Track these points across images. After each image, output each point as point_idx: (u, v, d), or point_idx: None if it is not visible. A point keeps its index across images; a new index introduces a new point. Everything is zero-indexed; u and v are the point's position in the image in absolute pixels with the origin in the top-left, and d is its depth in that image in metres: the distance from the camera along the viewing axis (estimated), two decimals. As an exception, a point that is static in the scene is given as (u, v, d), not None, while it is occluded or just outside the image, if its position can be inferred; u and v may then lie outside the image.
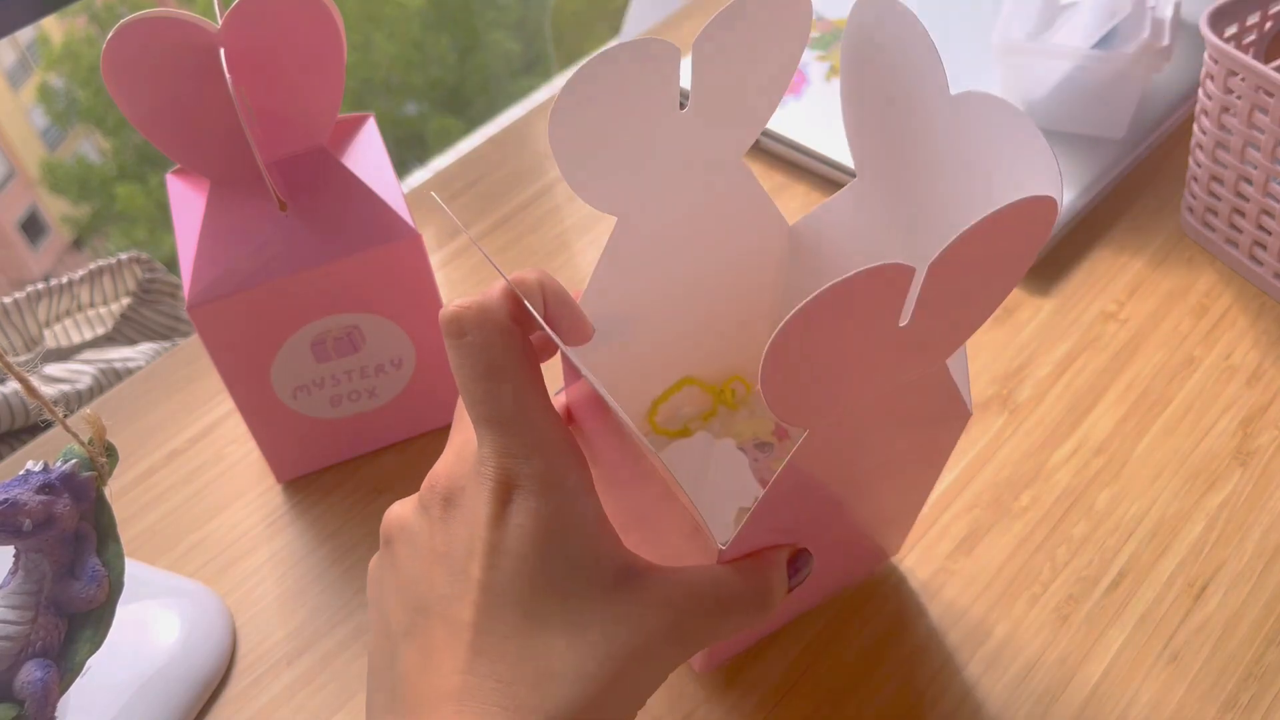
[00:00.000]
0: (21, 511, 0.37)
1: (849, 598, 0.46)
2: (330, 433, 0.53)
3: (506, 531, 0.31)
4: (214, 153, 0.45)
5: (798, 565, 0.35)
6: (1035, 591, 0.46)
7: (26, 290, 0.73)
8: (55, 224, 2.39)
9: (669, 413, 0.47)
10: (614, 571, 0.31)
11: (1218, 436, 0.50)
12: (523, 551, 0.30)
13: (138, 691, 0.45)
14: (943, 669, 0.44)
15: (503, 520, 0.31)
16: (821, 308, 0.27)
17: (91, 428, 0.39)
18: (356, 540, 0.51)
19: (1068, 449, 0.50)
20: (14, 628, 0.38)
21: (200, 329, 0.47)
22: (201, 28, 0.42)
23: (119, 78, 0.42)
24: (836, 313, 0.27)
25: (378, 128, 0.53)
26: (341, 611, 0.49)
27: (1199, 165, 0.56)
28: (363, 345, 0.50)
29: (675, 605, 0.31)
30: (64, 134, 2.59)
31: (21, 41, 2.24)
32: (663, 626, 0.31)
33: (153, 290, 0.77)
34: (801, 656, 0.45)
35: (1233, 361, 0.53)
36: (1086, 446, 0.50)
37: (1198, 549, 0.47)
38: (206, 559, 0.51)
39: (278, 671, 0.47)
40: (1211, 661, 0.43)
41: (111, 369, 0.70)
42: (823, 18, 0.73)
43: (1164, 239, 0.59)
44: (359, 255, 0.47)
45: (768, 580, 0.34)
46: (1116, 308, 0.56)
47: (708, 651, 0.43)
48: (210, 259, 0.46)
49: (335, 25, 0.44)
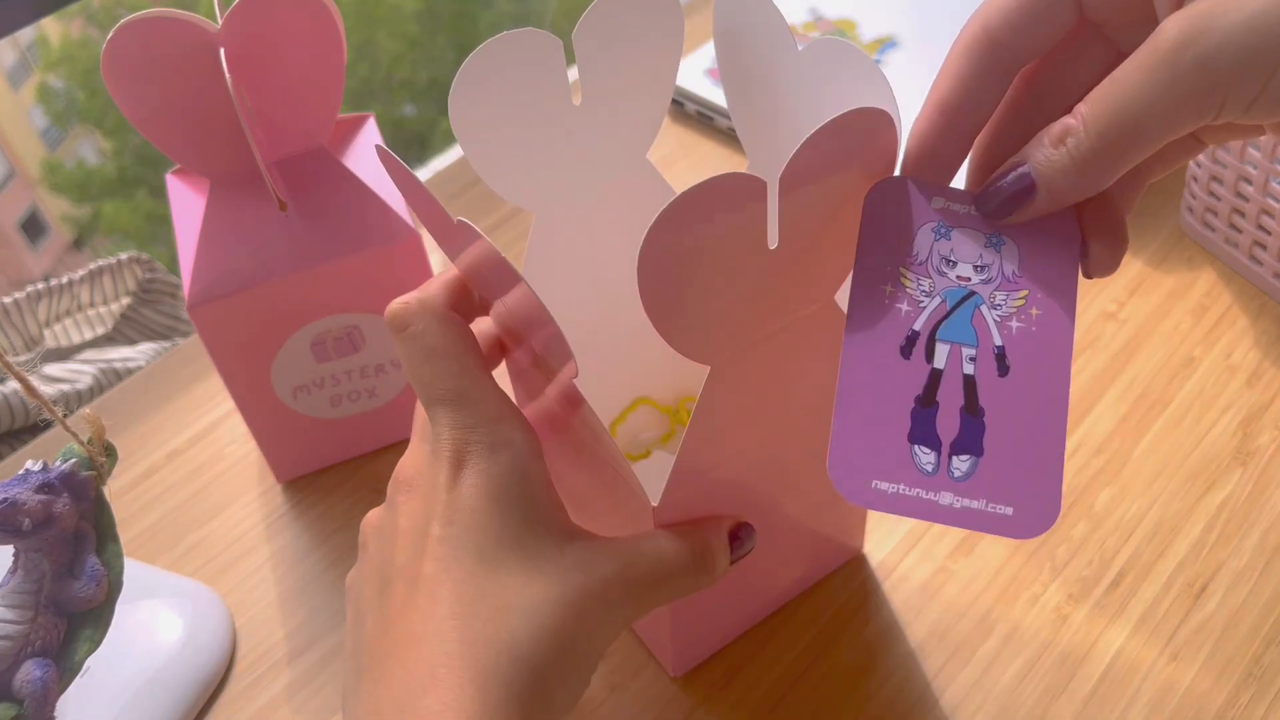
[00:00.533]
0: (21, 511, 0.37)
1: (849, 598, 0.46)
2: (330, 433, 0.53)
3: (460, 490, 0.32)
4: (214, 153, 0.45)
5: (741, 537, 0.37)
6: (1035, 591, 0.46)
7: (26, 290, 0.73)
8: (55, 224, 2.39)
9: (628, 436, 0.48)
10: (563, 524, 0.33)
11: (1218, 436, 0.50)
12: (477, 505, 0.32)
13: (138, 691, 0.45)
14: (943, 669, 0.44)
15: (457, 483, 0.32)
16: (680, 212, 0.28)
17: (91, 427, 0.39)
18: (356, 540, 0.51)
19: (1068, 449, 0.50)
20: (14, 627, 0.38)
21: (200, 329, 0.47)
22: (201, 28, 0.42)
23: (119, 78, 0.42)
24: (697, 218, 0.28)
25: (378, 128, 0.53)
26: (341, 611, 0.49)
27: (1199, 165, 0.56)
28: (363, 345, 0.50)
29: (622, 556, 0.33)
30: (64, 134, 2.59)
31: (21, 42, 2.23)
32: (612, 572, 0.32)
33: (153, 290, 0.77)
34: (801, 656, 0.45)
35: (1233, 361, 0.53)
36: (1086, 446, 0.50)
37: (1198, 549, 0.47)
38: (206, 559, 0.51)
39: (278, 671, 0.47)
40: (1211, 661, 0.43)
41: (111, 369, 0.70)
42: (823, 18, 0.73)
43: (1164, 239, 0.59)
44: (359, 255, 0.47)
45: (707, 543, 0.35)
46: (1116, 308, 0.56)
47: (677, 651, 0.43)
48: (210, 259, 0.46)
49: (335, 25, 0.44)
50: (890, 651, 0.44)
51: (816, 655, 0.45)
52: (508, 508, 0.32)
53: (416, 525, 0.33)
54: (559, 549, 0.32)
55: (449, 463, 0.32)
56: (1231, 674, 0.43)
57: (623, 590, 0.33)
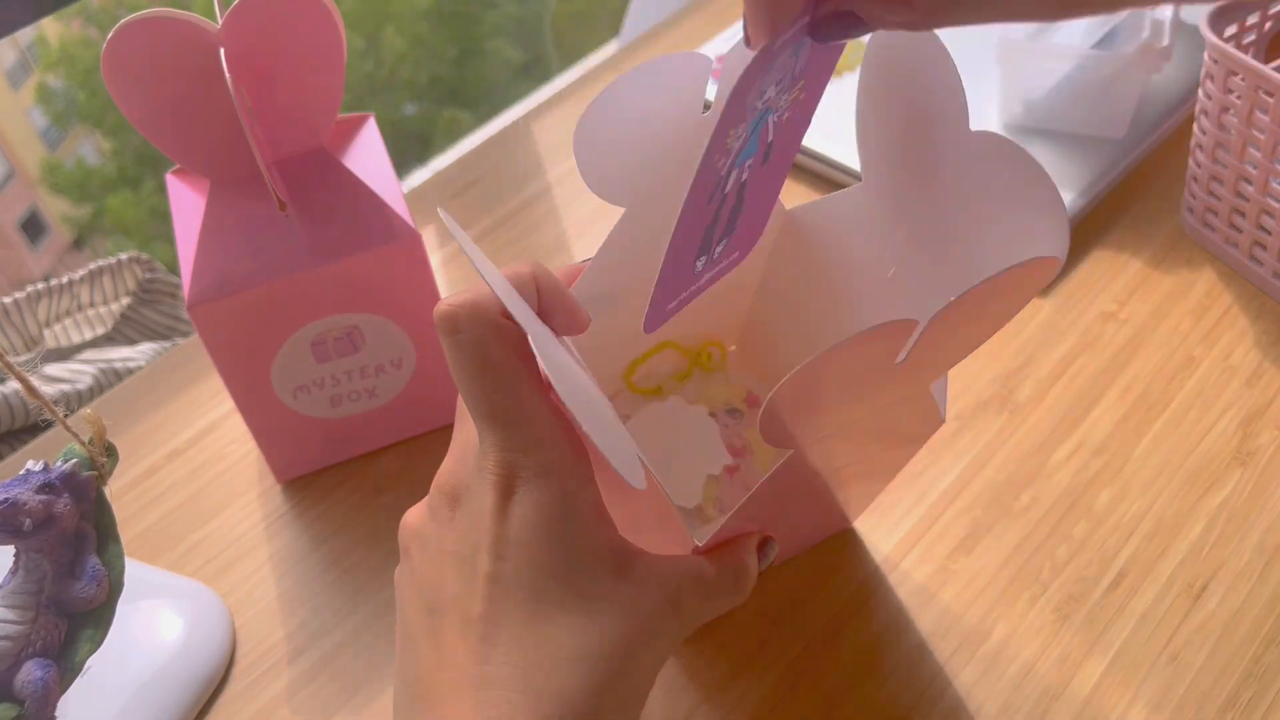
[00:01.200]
0: (22, 511, 0.37)
1: (849, 598, 0.46)
2: (330, 433, 0.53)
3: (510, 523, 0.31)
4: (214, 153, 0.45)
5: (764, 551, 0.38)
6: (1035, 591, 0.46)
7: (26, 290, 0.73)
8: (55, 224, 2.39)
9: (645, 372, 0.48)
10: (612, 557, 0.32)
11: (1217, 436, 0.50)
12: (527, 540, 0.31)
13: (138, 691, 0.45)
14: (943, 669, 0.44)
15: (506, 512, 0.31)
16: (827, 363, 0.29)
17: (92, 427, 0.39)
18: (356, 540, 0.51)
19: (1068, 449, 0.51)
20: (14, 627, 0.38)
21: (200, 329, 0.47)
22: (201, 28, 0.42)
23: (119, 78, 0.42)
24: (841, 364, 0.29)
25: (378, 128, 0.53)
26: (341, 611, 0.49)
27: (1199, 165, 0.56)
28: (363, 345, 0.50)
29: (669, 586, 0.33)
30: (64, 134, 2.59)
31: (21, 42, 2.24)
32: (660, 605, 0.32)
33: (153, 290, 0.77)
34: (802, 656, 0.45)
35: (1233, 361, 0.53)
36: (1086, 446, 0.50)
37: (1198, 549, 0.47)
38: (206, 559, 0.51)
39: (278, 671, 0.47)
40: (1211, 661, 0.43)
41: (111, 369, 0.70)
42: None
43: (1164, 239, 0.59)
44: (359, 255, 0.47)
45: (743, 565, 0.36)
46: (1116, 308, 0.56)
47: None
48: (210, 259, 0.46)
49: (335, 25, 0.44)
50: (890, 652, 0.45)
51: (817, 655, 0.45)
52: (557, 542, 0.31)
53: (463, 553, 0.32)
54: (611, 586, 0.32)
55: (496, 488, 0.32)
56: (1231, 674, 0.43)
57: (674, 620, 0.33)
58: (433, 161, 0.76)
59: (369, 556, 0.51)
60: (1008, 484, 0.49)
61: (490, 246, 0.64)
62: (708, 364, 0.48)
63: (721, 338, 0.49)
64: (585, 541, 0.32)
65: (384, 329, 0.50)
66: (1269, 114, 0.51)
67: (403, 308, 0.49)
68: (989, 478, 0.50)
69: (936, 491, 0.49)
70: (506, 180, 0.69)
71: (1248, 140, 0.53)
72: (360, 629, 0.48)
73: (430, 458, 0.54)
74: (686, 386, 0.48)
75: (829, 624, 0.45)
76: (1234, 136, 0.53)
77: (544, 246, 0.64)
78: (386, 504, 0.53)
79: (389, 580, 0.50)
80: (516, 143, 0.72)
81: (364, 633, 0.48)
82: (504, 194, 0.68)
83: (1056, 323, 0.56)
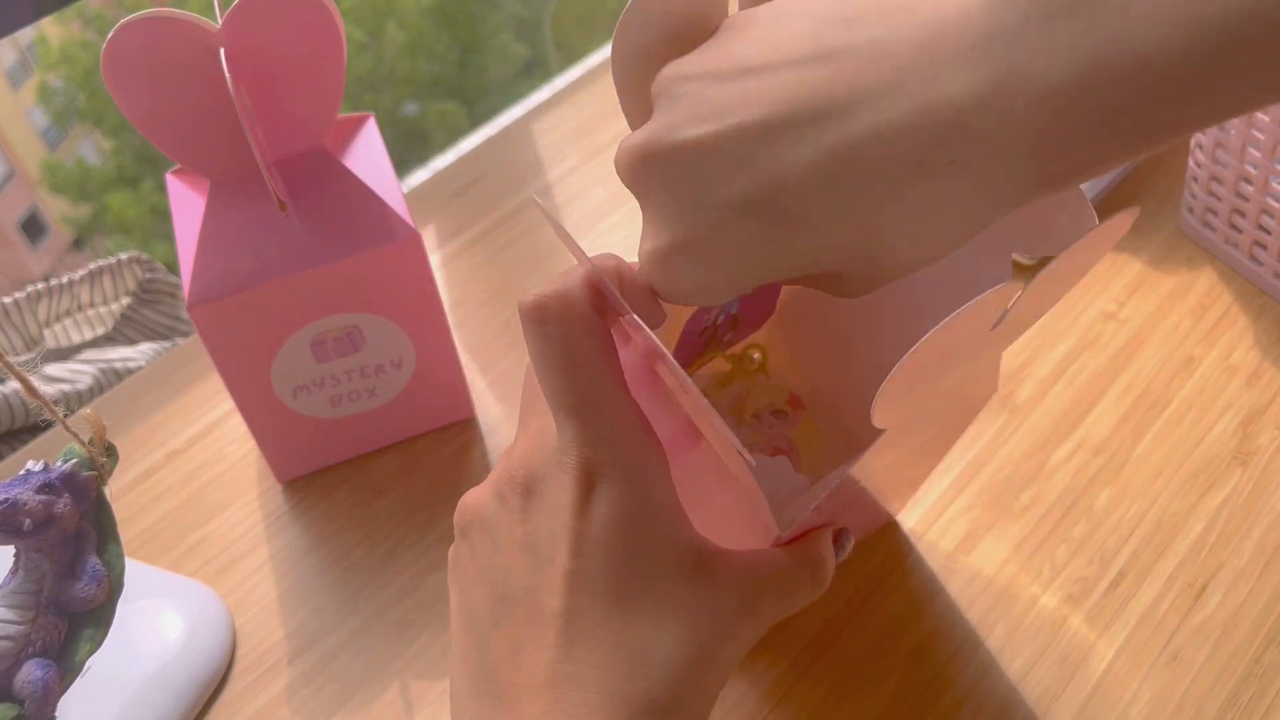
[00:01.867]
0: (22, 511, 0.37)
1: (849, 597, 0.46)
2: (330, 433, 0.53)
3: (591, 520, 0.31)
4: (214, 153, 0.45)
5: (840, 543, 0.37)
6: (1035, 591, 0.46)
7: (26, 290, 0.73)
8: (55, 224, 2.39)
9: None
10: (690, 556, 0.32)
11: (1217, 436, 0.50)
12: (608, 539, 0.31)
13: (138, 691, 0.45)
14: (943, 668, 0.44)
15: (587, 509, 0.31)
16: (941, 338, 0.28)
17: (92, 427, 0.39)
18: (356, 540, 0.51)
19: (1068, 449, 0.51)
20: (14, 627, 0.38)
21: (200, 329, 0.47)
22: (201, 28, 0.42)
23: (119, 78, 0.42)
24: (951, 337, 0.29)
25: (378, 127, 0.53)
26: (341, 611, 0.49)
27: (1199, 165, 0.56)
28: (363, 345, 0.50)
29: (746, 586, 0.33)
30: (64, 134, 2.59)
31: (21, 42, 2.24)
32: (737, 606, 0.32)
33: (153, 290, 0.77)
34: (802, 656, 0.45)
35: (1233, 361, 0.53)
36: (1086, 446, 0.51)
37: (1198, 549, 0.47)
38: (206, 559, 0.51)
39: (278, 672, 0.47)
40: (1211, 661, 0.43)
41: (111, 369, 0.70)
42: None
43: (1164, 239, 0.59)
44: (359, 255, 0.47)
45: (822, 559, 0.36)
46: (1116, 307, 0.56)
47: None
48: (210, 259, 0.46)
49: (335, 25, 0.44)
50: (890, 652, 0.45)
51: (818, 654, 0.45)
52: (637, 541, 0.31)
53: (537, 545, 0.32)
54: (687, 583, 0.32)
55: (576, 482, 0.31)
56: (1231, 674, 0.43)
57: (751, 621, 0.33)
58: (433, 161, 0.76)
59: (369, 556, 0.51)
60: (1008, 484, 0.49)
61: (490, 246, 0.64)
62: (750, 368, 0.48)
63: (757, 338, 0.49)
64: (665, 541, 0.32)
65: (384, 329, 0.50)
66: (1269, 114, 0.51)
67: (403, 308, 0.49)
68: (989, 477, 0.50)
69: (937, 491, 0.49)
70: (506, 180, 0.69)
71: (1247, 140, 0.53)
72: (360, 629, 0.48)
73: (430, 458, 0.54)
74: (729, 390, 0.48)
75: (830, 623, 0.46)
76: (1234, 136, 0.53)
77: (544, 246, 0.64)
78: (386, 504, 0.53)
79: (389, 580, 0.50)
80: (516, 143, 0.72)
81: (364, 633, 0.48)
82: (504, 194, 0.68)
83: (1056, 322, 0.56)
